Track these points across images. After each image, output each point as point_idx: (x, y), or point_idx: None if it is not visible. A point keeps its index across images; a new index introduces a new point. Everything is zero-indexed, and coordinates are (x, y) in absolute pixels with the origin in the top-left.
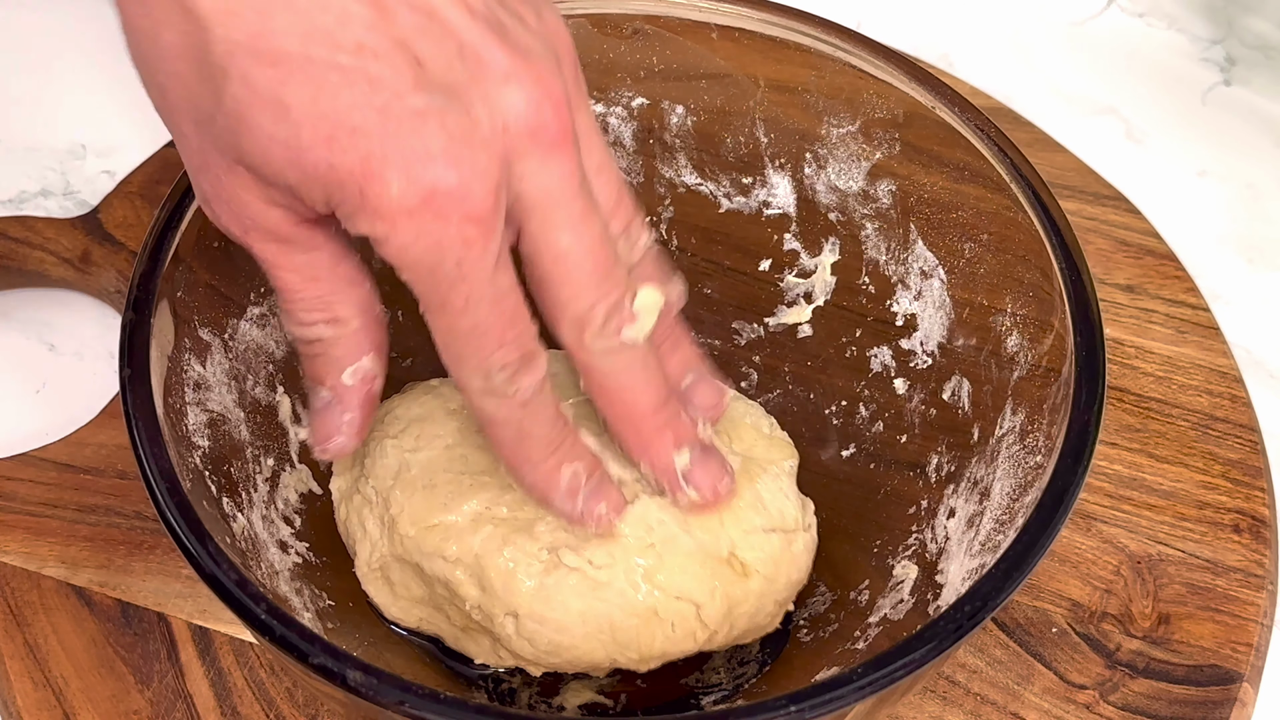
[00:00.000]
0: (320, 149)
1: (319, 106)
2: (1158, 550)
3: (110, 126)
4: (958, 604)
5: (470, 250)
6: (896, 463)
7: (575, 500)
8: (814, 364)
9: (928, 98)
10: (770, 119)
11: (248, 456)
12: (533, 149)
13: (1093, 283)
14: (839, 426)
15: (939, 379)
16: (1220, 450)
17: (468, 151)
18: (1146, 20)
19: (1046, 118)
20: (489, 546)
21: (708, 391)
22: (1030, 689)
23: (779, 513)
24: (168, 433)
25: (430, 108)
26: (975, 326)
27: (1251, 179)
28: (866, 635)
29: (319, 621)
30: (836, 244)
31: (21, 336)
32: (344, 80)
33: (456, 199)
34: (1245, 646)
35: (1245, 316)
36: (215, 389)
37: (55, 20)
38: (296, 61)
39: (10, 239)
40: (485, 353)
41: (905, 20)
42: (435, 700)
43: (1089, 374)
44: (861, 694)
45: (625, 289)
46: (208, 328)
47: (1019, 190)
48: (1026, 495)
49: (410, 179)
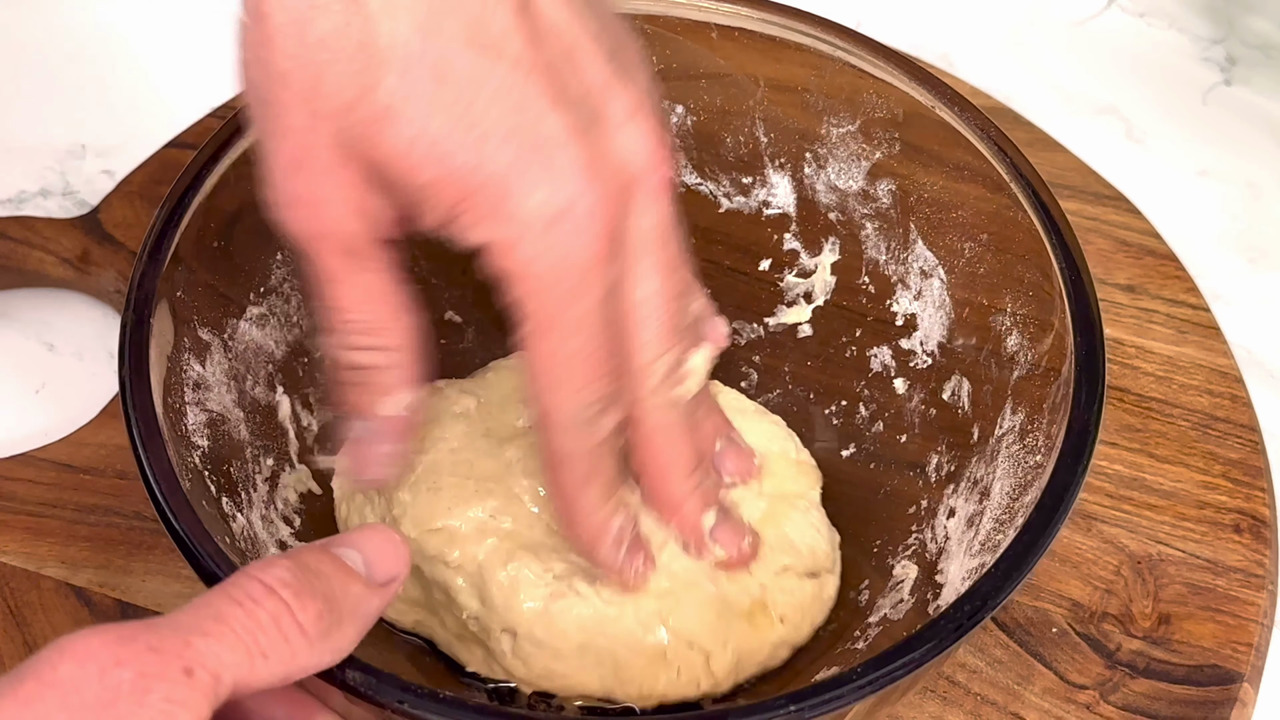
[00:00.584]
0: (471, 149)
1: (475, 109)
2: (1158, 550)
3: (110, 126)
4: (957, 603)
5: (593, 270)
6: (896, 462)
7: (619, 551)
8: (814, 364)
9: (928, 97)
10: (770, 119)
11: (247, 456)
12: (641, 190)
13: (1093, 282)
14: (839, 426)
15: (939, 379)
16: (1221, 450)
17: (598, 177)
18: (1147, 20)
19: (1046, 118)
20: (493, 559)
21: (738, 457)
22: (1030, 689)
23: (810, 552)
24: (167, 432)
25: (570, 131)
26: (975, 326)
27: (1252, 179)
28: (866, 635)
29: None
30: (836, 244)
31: (21, 336)
32: (501, 89)
33: (591, 218)
34: (1245, 646)
35: (1245, 316)
36: (215, 389)
37: (55, 20)
38: (459, 63)
39: (10, 239)
40: (584, 381)
41: (905, 20)
42: (434, 699)
43: (1089, 373)
44: (861, 694)
45: (685, 346)
46: (207, 328)
47: (1019, 190)
48: (1026, 495)
49: (554, 190)
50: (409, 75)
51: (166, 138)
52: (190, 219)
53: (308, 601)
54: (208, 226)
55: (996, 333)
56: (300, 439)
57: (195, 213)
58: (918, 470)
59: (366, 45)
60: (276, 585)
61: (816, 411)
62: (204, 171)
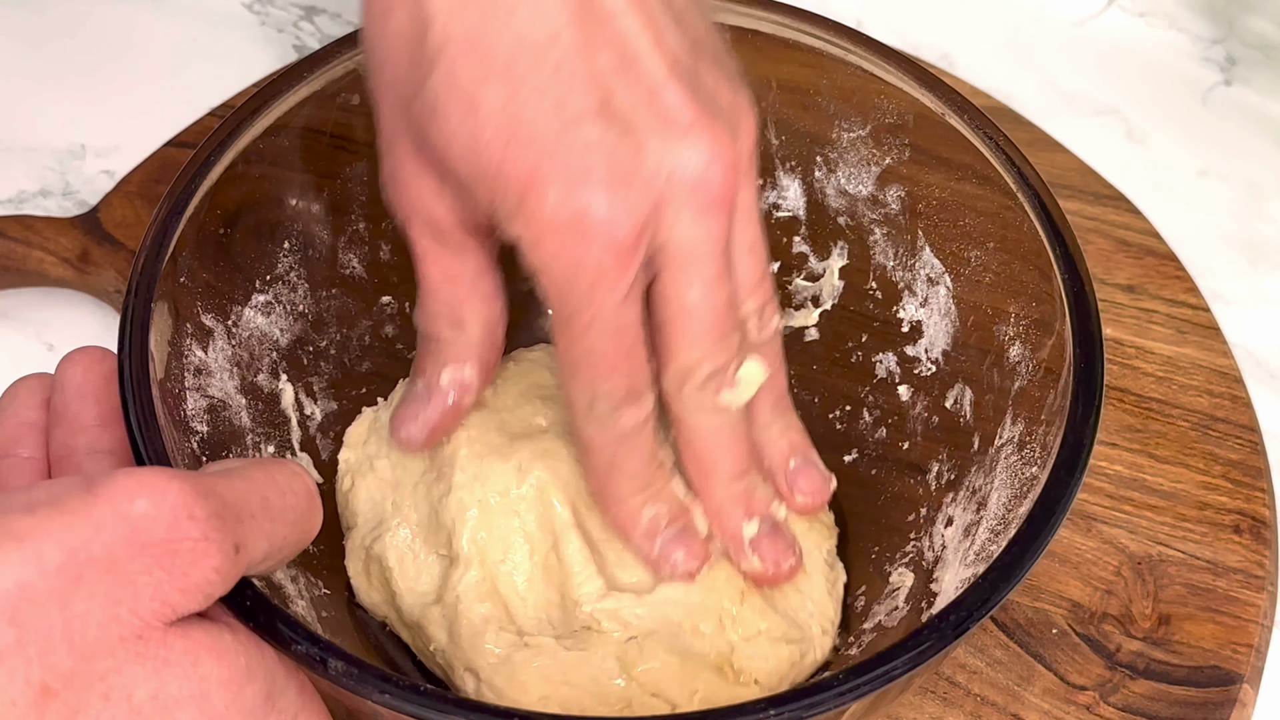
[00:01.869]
0: (496, 149)
1: (506, 112)
2: (1158, 551)
3: (110, 126)
4: (940, 615)
5: (603, 278)
6: (898, 469)
7: (653, 542)
8: (819, 367)
9: (937, 104)
10: (782, 121)
11: (248, 443)
12: (690, 202)
13: (1095, 294)
14: (842, 431)
15: (942, 387)
16: (1221, 451)
17: (624, 186)
18: (1147, 20)
19: (1046, 118)
20: (470, 594)
21: (812, 477)
22: (1030, 690)
23: (793, 621)
24: (164, 416)
25: (604, 138)
26: (979, 335)
27: (1252, 179)
28: (860, 641)
29: (313, 610)
30: (845, 248)
31: (21, 336)
32: (535, 94)
33: (602, 227)
34: (1245, 647)
35: (1245, 316)
36: (216, 375)
37: (55, 20)
38: (500, 66)
39: (10, 239)
40: (595, 378)
41: (905, 20)
42: (415, 692)
43: (1087, 386)
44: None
45: (735, 356)
46: (211, 314)
47: (1025, 199)
48: (1021, 506)
49: (566, 196)
50: (454, 75)
51: (166, 138)
52: (197, 204)
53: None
54: (214, 211)
55: (1000, 342)
56: (303, 427)
57: (203, 198)
58: (918, 478)
59: (420, 41)
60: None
61: (820, 415)
62: (211, 159)
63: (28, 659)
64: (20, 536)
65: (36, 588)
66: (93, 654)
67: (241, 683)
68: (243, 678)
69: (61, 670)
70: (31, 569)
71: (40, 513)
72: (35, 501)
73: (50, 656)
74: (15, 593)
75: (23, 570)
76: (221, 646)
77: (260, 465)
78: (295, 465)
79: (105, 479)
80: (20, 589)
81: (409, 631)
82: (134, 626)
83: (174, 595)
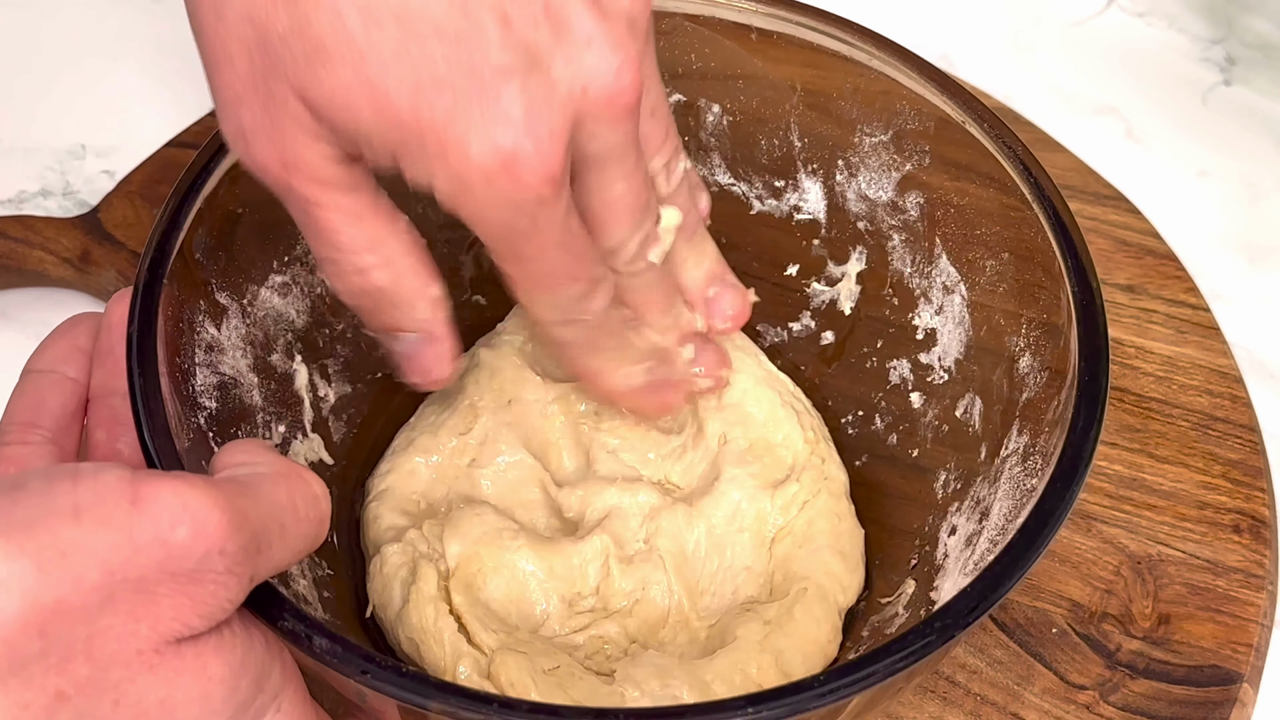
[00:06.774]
0: (406, 97)
1: (408, 54)
2: (1158, 550)
3: (110, 126)
4: (925, 623)
5: (544, 208)
6: (906, 476)
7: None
8: (834, 371)
9: (958, 111)
10: (804, 124)
11: (258, 422)
12: (605, 113)
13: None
14: (854, 436)
15: (954, 395)
16: (1220, 450)
17: (545, 116)
18: (1146, 20)
19: (1046, 118)
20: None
21: (732, 300)
22: (1030, 689)
23: None
24: (169, 390)
25: (514, 67)
26: (991, 345)
27: (1251, 179)
28: (858, 646)
29: (315, 589)
30: (863, 253)
31: (21, 336)
32: (434, 31)
33: (532, 165)
34: (1245, 647)
35: (1245, 316)
36: (229, 353)
37: (55, 20)
38: (390, 4)
39: (10, 239)
40: (557, 289)
41: (905, 20)
42: (396, 674)
43: (1089, 398)
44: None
45: (655, 219)
46: (226, 292)
47: (1040, 212)
48: (1019, 518)
49: (490, 143)
50: (339, 13)
51: (166, 138)
52: (214, 186)
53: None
54: (232, 191)
55: (1010, 353)
56: (315, 409)
57: (222, 179)
58: (926, 485)
59: None
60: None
61: (833, 419)
62: None
63: (47, 667)
64: (66, 552)
65: (71, 604)
66: (109, 664)
67: (238, 675)
68: (239, 670)
69: (77, 678)
70: (69, 587)
71: (85, 524)
72: (81, 506)
73: (69, 665)
74: (50, 607)
75: (61, 589)
76: (224, 644)
77: (285, 484)
78: (318, 487)
79: (149, 488)
80: (56, 605)
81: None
82: (151, 641)
83: (192, 619)
